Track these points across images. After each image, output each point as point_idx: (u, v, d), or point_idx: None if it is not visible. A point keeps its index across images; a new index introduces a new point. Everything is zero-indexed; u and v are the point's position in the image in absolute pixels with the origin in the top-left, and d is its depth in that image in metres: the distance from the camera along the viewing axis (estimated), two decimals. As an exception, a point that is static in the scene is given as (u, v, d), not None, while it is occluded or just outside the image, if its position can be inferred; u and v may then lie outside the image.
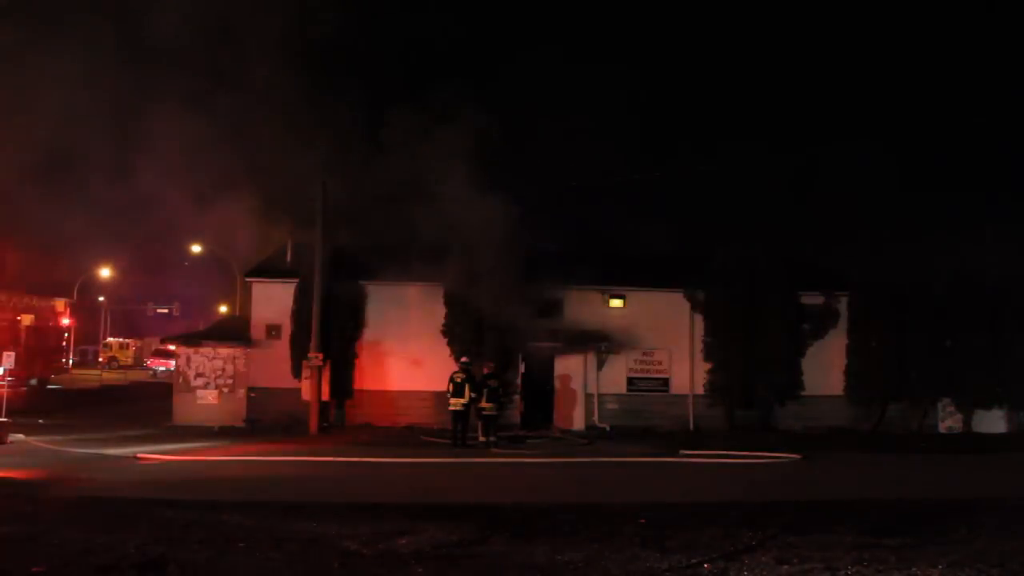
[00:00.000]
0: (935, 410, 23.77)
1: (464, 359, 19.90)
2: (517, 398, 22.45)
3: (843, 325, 23.76)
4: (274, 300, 22.43)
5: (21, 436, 17.45)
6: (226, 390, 22.06)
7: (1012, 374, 22.83)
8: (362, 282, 22.50)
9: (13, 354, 18.99)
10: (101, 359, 54.71)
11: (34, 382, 31.86)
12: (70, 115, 18.06)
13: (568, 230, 24.61)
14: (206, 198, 21.46)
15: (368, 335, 22.55)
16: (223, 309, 51.24)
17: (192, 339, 23.47)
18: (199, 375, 22.12)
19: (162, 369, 47.16)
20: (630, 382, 23.35)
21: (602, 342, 22.92)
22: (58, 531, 8.82)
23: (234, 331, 23.59)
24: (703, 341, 23.44)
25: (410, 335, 22.51)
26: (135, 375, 46.70)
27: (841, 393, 23.47)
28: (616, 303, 23.60)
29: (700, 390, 23.33)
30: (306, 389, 21.05)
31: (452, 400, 18.65)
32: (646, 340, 23.34)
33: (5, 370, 18.45)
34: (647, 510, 10.71)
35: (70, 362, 41.39)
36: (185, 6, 18.80)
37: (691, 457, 17.34)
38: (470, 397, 18.57)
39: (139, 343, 61.42)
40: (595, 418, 22.93)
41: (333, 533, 8.97)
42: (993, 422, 23.41)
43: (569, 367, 23.05)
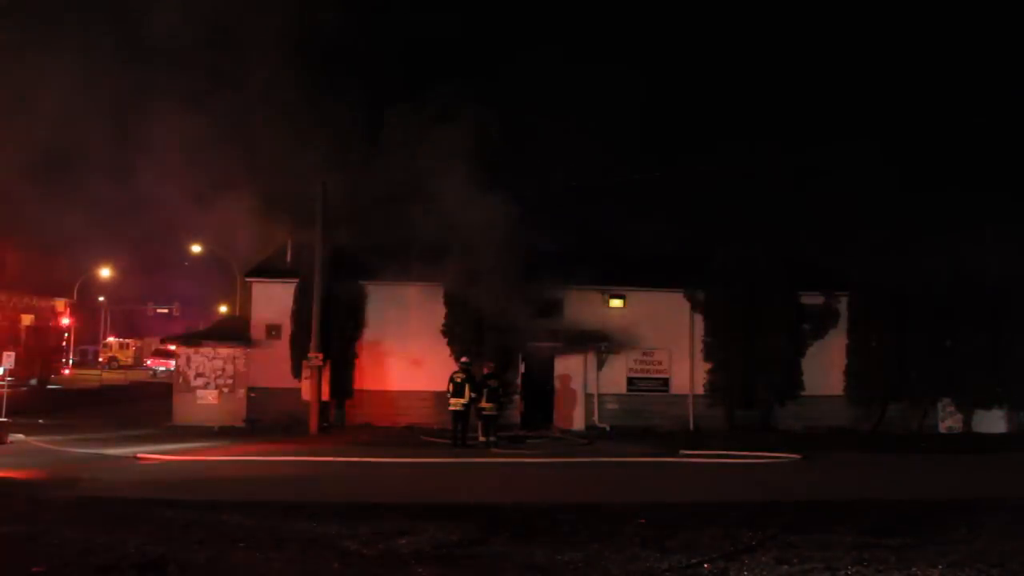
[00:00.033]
0: (935, 410, 23.79)
1: (464, 359, 19.90)
2: (517, 398, 22.46)
3: (843, 325, 23.79)
4: (274, 300, 22.44)
5: (21, 436, 17.45)
6: (226, 390, 22.06)
7: (1012, 374, 22.86)
8: (362, 282, 22.50)
9: (13, 354, 18.99)
10: (101, 359, 54.76)
11: (34, 382, 31.88)
12: (70, 115, 18.05)
13: (568, 230, 24.53)
14: (206, 198, 21.47)
15: (368, 335, 22.55)
16: (223, 309, 51.27)
17: (192, 339, 23.47)
18: (199, 375, 22.12)
19: (162, 369, 47.22)
20: (630, 382, 23.36)
21: (602, 342, 22.93)
22: (58, 531, 8.82)
23: (234, 331, 23.59)
24: (703, 341, 23.46)
25: (410, 335, 22.52)
26: (135, 375, 46.75)
27: (841, 393, 23.49)
28: (616, 303, 23.61)
29: (700, 390, 23.35)
30: (306, 389, 21.05)
31: (452, 400, 18.65)
32: (646, 340, 23.35)
33: (5, 370, 18.46)
34: (647, 510, 10.71)
35: (70, 362, 41.40)
36: (185, 6, 18.81)
37: (691, 457, 17.35)
38: (470, 397, 18.58)
39: (139, 343, 61.49)
40: (595, 418, 22.93)
41: (333, 533, 8.97)
42: (993, 422, 23.42)
43: (569, 367, 23.06)
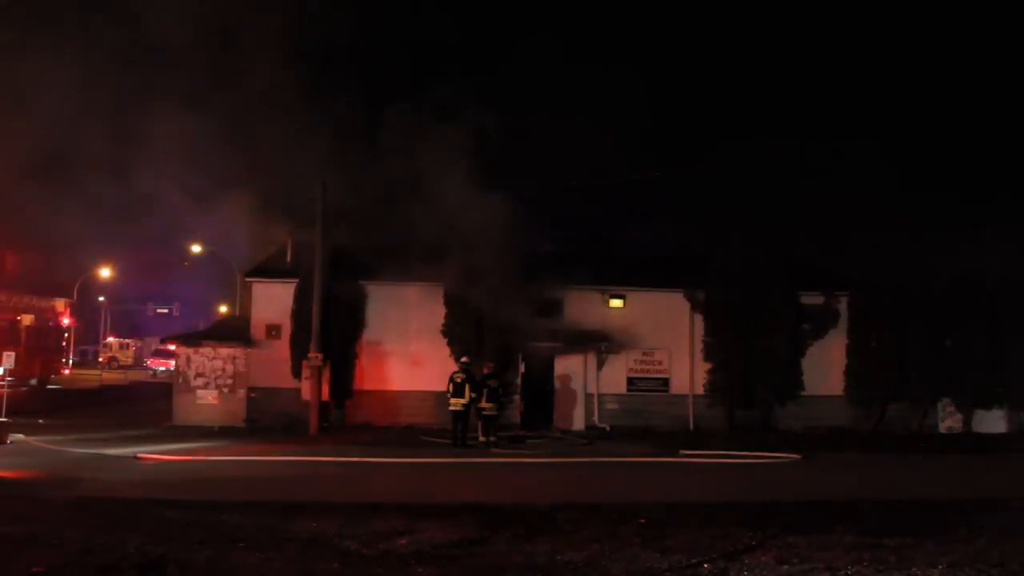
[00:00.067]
0: (935, 410, 23.78)
1: (464, 359, 19.90)
2: (517, 398, 22.45)
3: (843, 325, 23.77)
4: (274, 300, 22.45)
5: (21, 436, 17.45)
6: (226, 390, 22.05)
7: (1012, 374, 22.85)
8: (362, 282, 22.50)
9: (13, 354, 18.99)
10: (101, 359, 54.75)
11: (34, 382, 31.87)
12: (70, 115, 18.06)
13: (568, 230, 24.56)
14: (206, 198, 21.50)
15: (368, 335, 22.55)
16: (223, 309, 51.27)
17: (192, 339, 23.46)
18: (199, 375, 22.12)
19: (162, 369, 47.22)
20: (630, 382, 23.36)
21: (602, 342, 22.92)
22: (58, 531, 8.82)
23: (234, 331, 23.59)
24: (703, 341, 23.45)
25: (410, 335, 22.52)
26: (135, 375, 46.71)
27: (841, 393, 23.48)
28: (616, 303, 23.60)
29: (700, 390, 23.33)
30: (306, 389, 21.05)
31: (452, 400, 18.66)
32: (646, 340, 23.35)
33: (5, 370, 18.45)
34: (647, 510, 10.71)
35: (70, 362, 41.39)
36: (184, 5, 18.81)
37: (691, 457, 17.35)
38: (470, 397, 18.58)
39: (139, 343, 61.50)
40: (595, 418, 22.93)
41: (333, 533, 8.98)
42: (993, 422, 23.42)
43: (569, 367, 23.06)
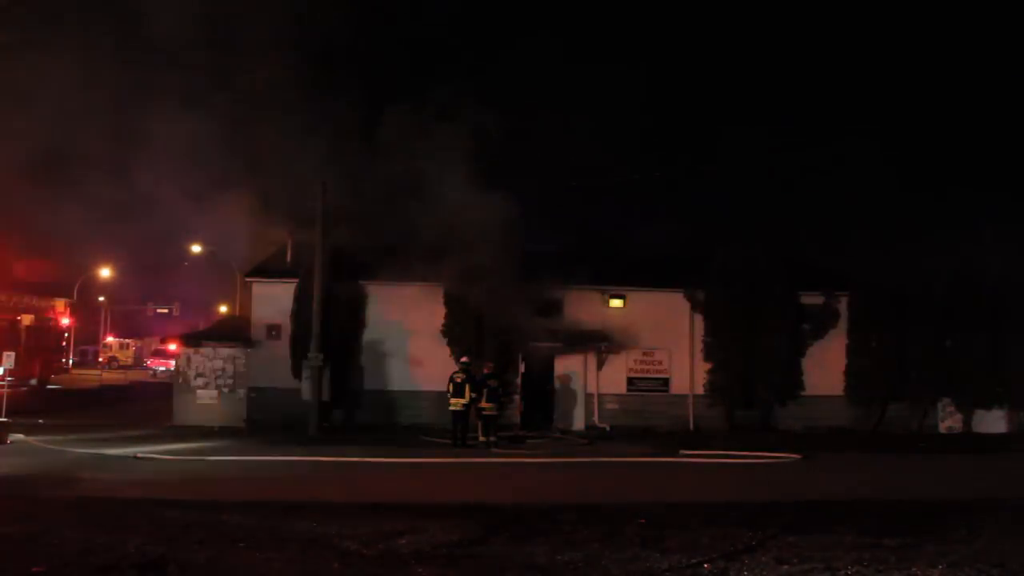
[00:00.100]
0: (935, 410, 23.79)
1: (464, 359, 19.90)
2: (517, 398, 22.45)
3: (843, 325, 23.78)
4: (274, 300, 22.44)
5: (21, 436, 17.45)
6: (226, 390, 22.05)
7: (1012, 374, 22.86)
8: (362, 282, 22.51)
9: (13, 354, 18.98)
10: (101, 359, 54.76)
11: (34, 382, 31.86)
12: (70, 114, 18.05)
13: (568, 230, 24.60)
14: (206, 198, 21.48)
15: (368, 335, 22.55)
16: (223, 309, 51.25)
17: (192, 339, 23.45)
18: (199, 375, 22.11)
19: (162, 369, 47.23)
20: (630, 382, 23.36)
21: (602, 342, 22.92)
22: (58, 531, 8.81)
23: (234, 331, 23.60)
24: (703, 341, 23.45)
25: (410, 335, 22.52)
26: (135, 375, 46.68)
27: (841, 393, 23.49)
28: (616, 303, 23.60)
29: (700, 390, 23.34)
30: (306, 389, 21.04)
31: (452, 400, 18.66)
32: (646, 340, 23.34)
33: (5, 370, 18.45)
34: (647, 510, 10.71)
35: (70, 362, 41.38)
36: (184, 5, 18.79)
37: (691, 457, 17.34)
38: (470, 397, 18.58)
39: (139, 343, 61.51)
40: (595, 418, 22.93)
41: (333, 533, 8.97)
42: (993, 422, 23.41)
43: (569, 367, 23.06)
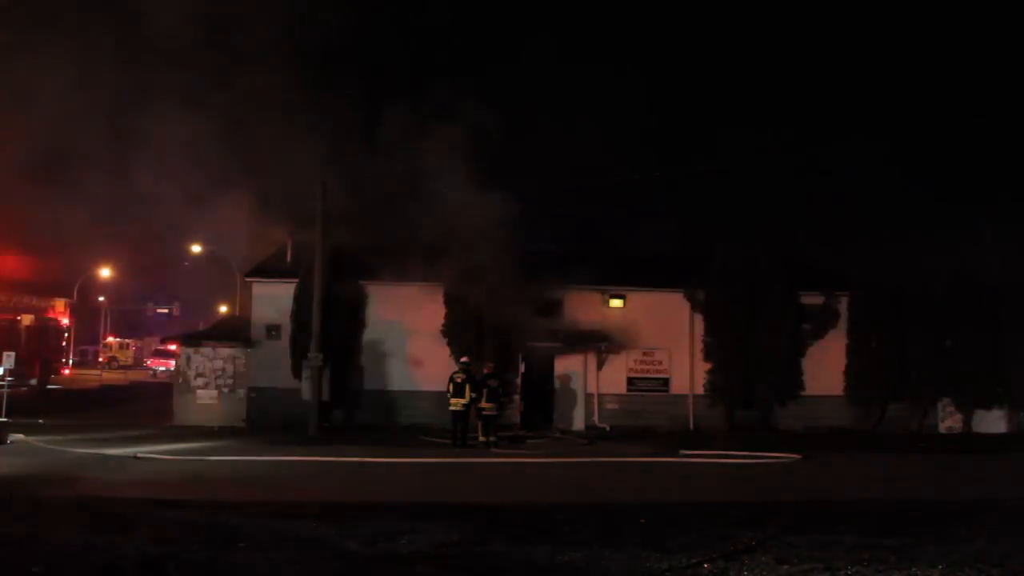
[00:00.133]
0: (935, 410, 23.80)
1: (464, 359, 19.89)
2: (517, 398, 22.46)
3: (843, 325, 23.78)
4: (274, 300, 22.44)
5: (21, 436, 17.44)
6: (226, 390, 22.05)
7: (1012, 374, 22.87)
8: (362, 282, 22.51)
9: (13, 354, 18.97)
10: (101, 359, 54.76)
11: (34, 382, 31.86)
12: (70, 114, 18.04)
13: (568, 230, 24.59)
14: (206, 198, 21.46)
15: (368, 335, 22.56)
16: (223, 309, 51.23)
17: (192, 339, 23.47)
18: (199, 375, 22.12)
19: (162, 369, 47.23)
20: (630, 382, 23.36)
21: (602, 342, 22.92)
22: (58, 531, 8.82)
23: (234, 331, 23.60)
24: (703, 341, 23.45)
25: (410, 335, 22.52)
26: (135, 375, 46.72)
27: (841, 393, 23.49)
28: (616, 303, 23.60)
29: (700, 390, 23.34)
30: (306, 389, 21.04)
31: (452, 400, 18.65)
32: (646, 340, 23.34)
33: (5, 370, 18.44)
34: (647, 510, 10.71)
35: (70, 362, 41.40)
36: (183, 5, 18.77)
37: (691, 457, 17.33)
38: (470, 397, 18.57)
39: (139, 343, 61.50)
40: (595, 418, 22.93)
41: (333, 533, 8.96)
42: (993, 422, 23.42)
43: (569, 367, 23.06)
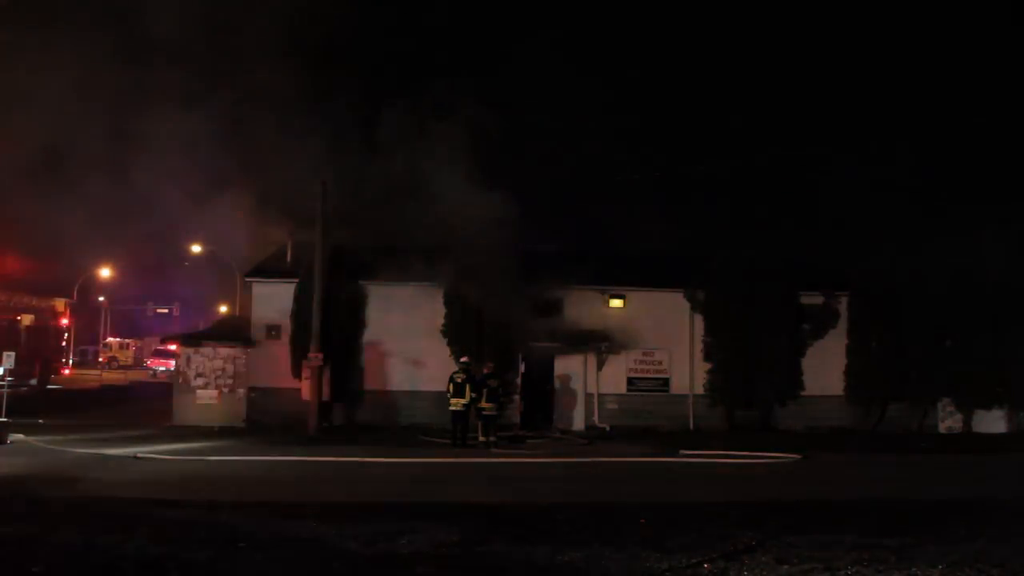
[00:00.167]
0: (935, 410, 23.79)
1: (464, 359, 19.89)
2: (517, 398, 22.45)
3: (843, 325, 23.77)
4: (274, 300, 22.43)
5: (21, 436, 17.44)
6: (226, 390, 22.05)
7: (1012, 374, 22.86)
8: (362, 282, 22.50)
9: (13, 354, 18.97)
10: (101, 359, 54.79)
11: (34, 382, 31.85)
12: (69, 114, 18.06)
13: (568, 230, 24.60)
14: (206, 198, 21.49)
15: (368, 335, 22.55)
16: (223, 309, 51.27)
17: (192, 339, 23.46)
18: (199, 375, 22.11)
19: (162, 369, 47.20)
20: (630, 382, 23.35)
21: (602, 342, 22.92)
22: (58, 531, 8.82)
23: (234, 331, 23.60)
24: (703, 341, 23.45)
25: (410, 335, 22.50)
26: (135, 375, 46.71)
27: (841, 393, 23.48)
28: (616, 303, 23.59)
29: (700, 390, 23.33)
30: (306, 389, 21.02)
31: (452, 400, 18.66)
32: (646, 340, 23.34)
33: (5, 370, 18.44)
34: (647, 510, 10.70)
35: (70, 362, 41.40)
36: (183, 4, 18.79)
37: (691, 457, 17.34)
38: (470, 397, 18.58)
39: (139, 343, 61.49)
40: (595, 418, 22.93)
41: (333, 533, 8.97)
42: (993, 422, 23.42)
43: (569, 367, 23.05)
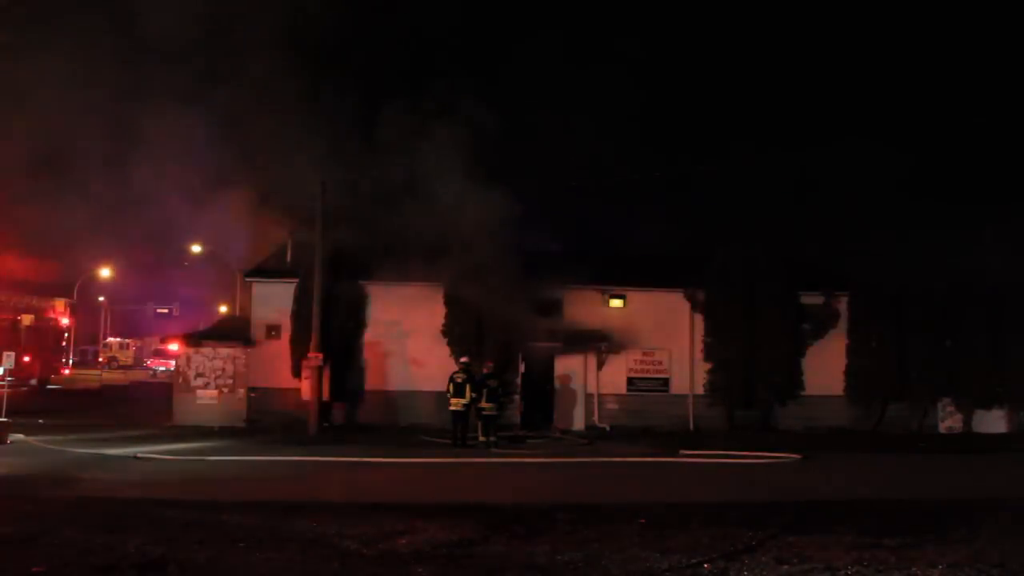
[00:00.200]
0: (935, 410, 23.79)
1: (464, 359, 19.89)
2: (517, 398, 22.45)
3: (843, 325, 23.78)
4: (274, 300, 22.45)
5: (21, 436, 17.44)
6: (226, 390, 22.05)
7: (1012, 374, 22.86)
8: (362, 282, 22.51)
9: (13, 354, 18.98)
10: (101, 359, 54.76)
11: (34, 382, 31.88)
12: (69, 114, 18.04)
13: (568, 230, 24.57)
14: (206, 198, 21.47)
15: (368, 335, 22.56)
16: (223, 309, 51.21)
17: (192, 339, 23.46)
18: (199, 375, 22.11)
19: (162, 369, 47.24)
20: (630, 382, 23.36)
21: (602, 342, 22.92)
22: (58, 531, 8.82)
23: (234, 331, 23.60)
24: (703, 341, 23.45)
25: (410, 335, 22.52)
26: (135, 375, 46.76)
27: (841, 393, 23.49)
28: (616, 303, 23.60)
29: (700, 390, 23.33)
30: (306, 389, 21.03)
31: (452, 400, 18.65)
32: (646, 340, 23.34)
33: (5, 370, 18.44)
34: (647, 510, 10.71)
35: (70, 362, 41.41)
36: (183, 3, 18.76)
37: (691, 457, 17.33)
38: (470, 397, 18.57)
39: (139, 343, 61.52)
40: (595, 418, 22.93)
41: (333, 533, 8.97)
42: (993, 422, 23.42)
43: (569, 367, 23.06)
